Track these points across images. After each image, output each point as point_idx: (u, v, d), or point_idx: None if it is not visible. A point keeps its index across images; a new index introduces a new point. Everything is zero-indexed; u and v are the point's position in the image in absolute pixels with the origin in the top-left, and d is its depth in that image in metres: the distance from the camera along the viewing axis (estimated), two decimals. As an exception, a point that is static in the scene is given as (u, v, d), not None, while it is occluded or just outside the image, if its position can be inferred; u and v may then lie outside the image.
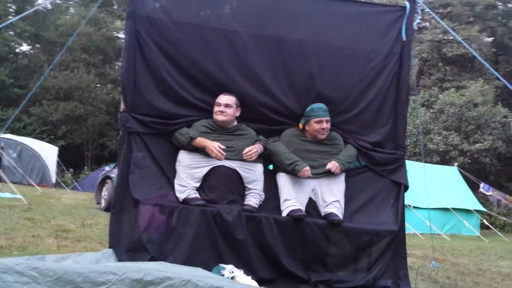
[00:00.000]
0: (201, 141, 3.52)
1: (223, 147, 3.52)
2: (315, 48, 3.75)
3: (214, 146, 3.49)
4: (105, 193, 9.08)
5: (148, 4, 3.56)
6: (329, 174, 3.66)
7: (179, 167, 3.56)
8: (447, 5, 19.54)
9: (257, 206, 3.55)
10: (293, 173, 3.59)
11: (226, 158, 3.53)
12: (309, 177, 3.60)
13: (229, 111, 3.58)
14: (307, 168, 3.57)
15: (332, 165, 3.62)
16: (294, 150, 3.66)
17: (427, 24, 20.67)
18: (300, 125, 3.77)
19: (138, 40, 3.54)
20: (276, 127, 3.79)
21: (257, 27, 3.69)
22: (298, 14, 3.76)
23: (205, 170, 3.52)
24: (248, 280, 3.00)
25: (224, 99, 3.58)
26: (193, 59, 3.62)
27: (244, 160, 3.55)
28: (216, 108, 3.59)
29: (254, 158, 3.56)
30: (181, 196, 3.45)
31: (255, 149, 3.57)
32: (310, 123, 3.69)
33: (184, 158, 3.55)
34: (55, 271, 2.22)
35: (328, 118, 3.68)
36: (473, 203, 12.61)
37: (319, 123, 3.66)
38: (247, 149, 3.54)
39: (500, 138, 16.90)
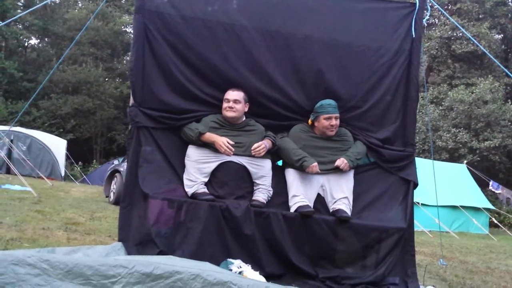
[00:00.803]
0: (210, 136, 3.52)
1: (232, 142, 3.52)
2: (323, 44, 3.73)
3: (223, 141, 3.50)
4: (114, 186, 9.14)
5: (156, -2, 3.57)
6: (338, 170, 3.65)
7: (188, 161, 3.57)
8: (456, 1, 19.37)
9: (265, 201, 3.55)
10: (301, 169, 3.58)
11: (234, 154, 3.53)
12: (317, 173, 3.60)
13: (238, 106, 3.58)
14: (315, 164, 3.56)
15: (341, 161, 3.61)
16: (302, 146, 3.66)
17: (436, 20, 20.53)
18: (309, 121, 3.76)
19: (147, 34, 3.54)
20: (285, 122, 3.79)
21: (265, 22, 3.68)
22: (306, 9, 3.75)
23: (213, 165, 3.53)
24: (256, 275, 3.00)
25: (233, 94, 3.58)
26: (201, 54, 3.62)
27: (253, 156, 3.55)
28: (225, 104, 3.59)
29: (262, 154, 3.56)
30: (189, 190, 3.46)
31: (264, 145, 3.57)
32: (319, 119, 3.68)
33: (193, 153, 3.56)
34: (65, 264, 2.24)
35: (337, 115, 3.67)
36: (482, 201, 12.52)
37: (328, 119, 3.65)
38: (255, 145, 3.54)
39: (510, 136, 16.77)
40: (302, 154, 3.58)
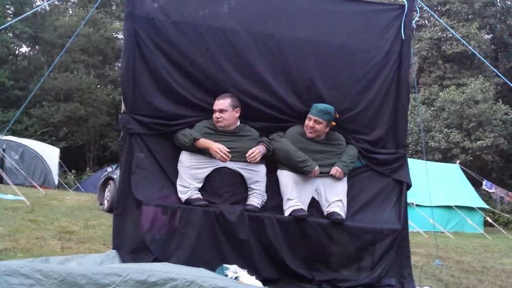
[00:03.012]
0: (204, 142, 3.51)
1: (227, 149, 3.50)
2: (314, 47, 3.75)
3: (219, 148, 3.47)
4: (107, 194, 9.09)
5: (146, 4, 3.56)
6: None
7: (181, 167, 3.55)
8: (446, 2, 19.51)
9: (259, 206, 3.54)
10: (301, 171, 3.57)
11: (229, 160, 3.52)
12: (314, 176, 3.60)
13: (225, 115, 3.55)
14: (317, 168, 3.56)
15: (335, 171, 3.61)
16: (299, 148, 3.64)
17: (426, 22, 20.67)
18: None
19: (137, 40, 3.53)
20: (278, 125, 3.77)
21: (256, 26, 3.69)
22: (297, 12, 3.76)
23: (207, 171, 3.51)
24: (252, 280, 2.99)
25: (218, 104, 3.55)
26: (192, 59, 3.61)
27: (247, 161, 3.54)
28: (214, 114, 3.58)
29: (257, 160, 3.54)
30: (183, 196, 3.45)
31: (258, 150, 3.55)
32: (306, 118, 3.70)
33: (185, 159, 3.54)
34: (59, 273, 2.22)
35: (318, 119, 3.62)
36: (476, 201, 12.57)
37: (309, 120, 3.65)
38: (249, 152, 3.52)
39: (501, 135, 16.88)
40: (304, 157, 3.57)
